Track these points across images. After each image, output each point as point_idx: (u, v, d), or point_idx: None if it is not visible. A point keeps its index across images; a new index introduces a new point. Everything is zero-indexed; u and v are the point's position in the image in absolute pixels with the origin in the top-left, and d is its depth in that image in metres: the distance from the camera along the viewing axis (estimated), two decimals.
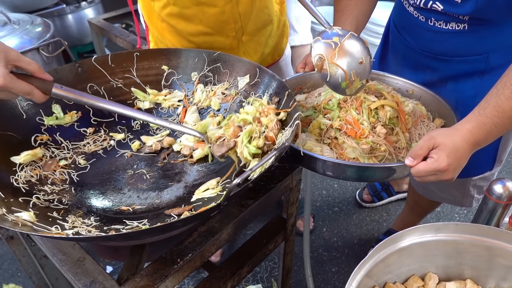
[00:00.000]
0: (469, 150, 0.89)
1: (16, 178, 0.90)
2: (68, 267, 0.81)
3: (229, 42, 1.32)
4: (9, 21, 1.46)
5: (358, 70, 1.00)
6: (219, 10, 1.23)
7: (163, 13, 1.27)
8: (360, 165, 0.97)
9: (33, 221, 0.79)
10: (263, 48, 1.42)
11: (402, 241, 0.71)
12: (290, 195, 1.07)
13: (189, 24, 1.27)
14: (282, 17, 1.50)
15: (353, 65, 1.00)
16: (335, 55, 0.99)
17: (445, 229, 0.73)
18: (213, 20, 1.26)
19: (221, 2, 1.22)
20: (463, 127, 0.90)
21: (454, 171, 0.87)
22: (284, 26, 1.54)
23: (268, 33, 1.43)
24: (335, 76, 0.99)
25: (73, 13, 2.20)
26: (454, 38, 1.16)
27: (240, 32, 1.32)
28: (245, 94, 1.10)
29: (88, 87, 1.12)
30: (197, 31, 1.28)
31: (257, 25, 1.37)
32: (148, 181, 1.01)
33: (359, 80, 1.01)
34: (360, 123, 1.02)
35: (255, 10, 1.34)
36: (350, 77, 0.99)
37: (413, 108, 1.15)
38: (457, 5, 1.08)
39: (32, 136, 1.00)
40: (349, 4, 1.27)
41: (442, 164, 0.85)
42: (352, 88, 1.02)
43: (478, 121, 0.89)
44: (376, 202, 2.21)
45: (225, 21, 1.27)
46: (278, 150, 0.68)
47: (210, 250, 0.87)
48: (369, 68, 1.02)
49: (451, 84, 1.26)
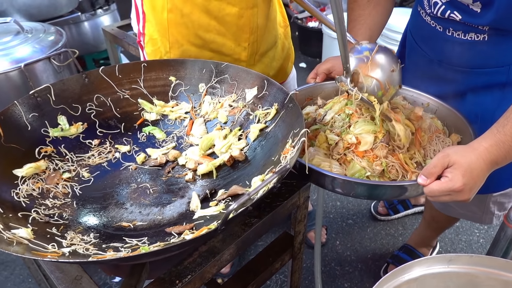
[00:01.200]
0: (486, 170, 0.84)
1: (17, 192, 0.89)
2: (65, 285, 0.79)
3: (238, 51, 1.27)
4: (22, 30, 1.47)
5: (391, 78, 1.04)
6: (238, 12, 1.19)
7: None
8: (370, 183, 0.93)
9: (30, 238, 0.77)
10: (268, 70, 1.39)
11: (411, 272, 0.66)
12: (298, 213, 1.03)
13: (203, 16, 1.19)
14: (286, 41, 1.47)
15: (385, 74, 1.03)
16: (368, 68, 1.02)
17: (458, 261, 0.67)
18: (229, 21, 1.20)
19: (242, 3, 1.18)
20: (480, 145, 0.84)
21: (470, 192, 0.82)
22: (289, 50, 1.51)
23: (272, 55, 1.40)
24: (371, 87, 1.03)
25: (89, 21, 2.22)
26: (473, 49, 1.11)
27: (254, 46, 1.28)
28: (252, 107, 1.07)
29: (95, 98, 1.11)
30: (210, 27, 1.21)
31: (267, 46, 1.34)
32: (151, 196, 0.99)
33: (393, 87, 1.05)
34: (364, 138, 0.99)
35: (266, 31, 1.31)
36: (385, 86, 1.03)
37: (429, 123, 1.10)
38: (477, 15, 1.03)
39: (36, 148, 0.99)
40: (363, 14, 1.23)
41: (457, 184, 0.80)
42: (388, 95, 1.05)
43: (497, 139, 0.83)
44: (391, 215, 2.14)
45: (241, 27, 1.22)
46: (278, 172, 0.65)
47: (211, 271, 0.84)
48: (400, 76, 1.06)
49: (470, 97, 1.20)
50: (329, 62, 1.22)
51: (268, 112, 1.02)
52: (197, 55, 1.28)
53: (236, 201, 0.59)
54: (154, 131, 1.13)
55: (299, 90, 1.20)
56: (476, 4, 1.01)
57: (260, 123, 1.03)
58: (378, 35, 1.29)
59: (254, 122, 1.05)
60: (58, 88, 1.06)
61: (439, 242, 1.97)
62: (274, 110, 1.01)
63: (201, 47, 1.27)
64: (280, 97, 1.00)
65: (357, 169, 0.96)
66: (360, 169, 0.96)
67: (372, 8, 1.23)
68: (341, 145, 1.00)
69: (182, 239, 0.80)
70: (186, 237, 0.79)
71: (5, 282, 1.92)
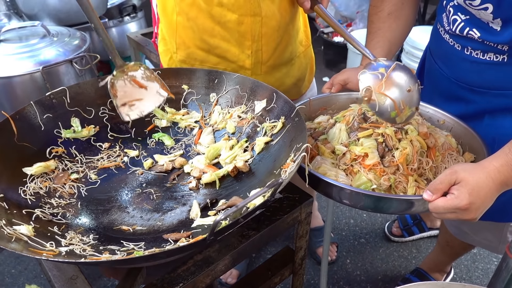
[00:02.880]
0: (495, 190, 0.81)
1: (25, 190, 0.92)
2: (60, 284, 0.81)
3: (242, 59, 1.28)
4: (48, 34, 1.53)
5: (407, 99, 1.00)
6: (237, 19, 1.21)
7: (184, 3, 1.22)
8: (376, 195, 0.92)
9: (30, 235, 0.79)
10: (278, 85, 1.39)
11: None
12: (299, 228, 1.02)
13: (207, 20, 1.22)
14: (305, 60, 1.47)
15: (401, 94, 1.00)
16: (383, 85, 0.99)
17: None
18: (231, 27, 1.22)
19: (241, 10, 1.19)
20: (490, 164, 0.82)
21: (476, 211, 0.80)
22: (306, 70, 1.50)
23: (285, 71, 1.40)
24: (384, 106, 0.99)
25: (116, 27, 2.29)
26: (492, 70, 1.08)
27: (258, 55, 1.28)
28: (260, 119, 1.07)
29: (108, 102, 1.13)
30: (214, 31, 1.24)
31: (280, 60, 1.34)
32: (154, 202, 1.00)
33: (409, 108, 1.00)
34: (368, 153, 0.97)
35: (282, 45, 1.32)
36: (399, 106, 0.99)
37: (444, 140, 1.07)
38: (496, 33, 1.00)
39: (47, 148, 1.02)
40: (382, 27, 1.22)
41: (463, 202, 0.78)
42: (402, 116, 1.01)
43: (508, 159, 0.81)
44: (406, 236, 2.08)
45: (243, 34, 1.24)
46: (270, 186, 0.64)
47: (204, 281, 0.83)
48: (418, 96, 1.02)
49: (487, 119, 1.17)
50: (345, 74, 1.21)
51: (274, 125, 1.02)
52: (203, 59, 1.31)
53: (224, 212, 0.59)
54: (164, 138, 1.15)
55: (313, 100, 1.20)
56: (496, 22, 0.98)
57: (266, 135, 1.03)
58: (397, 49, 1.28)
59: (260, 135, 1.05)
60: (74, 91, 1.09)
61: (454, 268, 1.90)
62: (280, 123, 1.01)
63: (207, 52, 1.29)
64: (287, 111, 1.00)
65: (363, 181, 0.94)
66: (366, 181, 0.94)
67: (392, 22, 1.22)
68: (348, 156, 0.99)
69: (177, 246, 0.80)
70: (181, 244, 0.79)
71: (18, 277, 1.97)
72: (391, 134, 1.00)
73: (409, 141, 1.00)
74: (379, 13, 1.23)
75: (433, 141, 1.04)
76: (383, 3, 1.22)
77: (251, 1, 1.19)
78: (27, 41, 1.53)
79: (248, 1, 1.18)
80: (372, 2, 1.26)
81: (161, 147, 1.15)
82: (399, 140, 1.01)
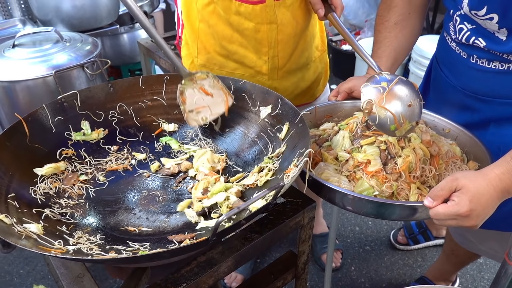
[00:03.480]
0: (496, 197, 0.82)
1: (35, 190, 0.95)
2: (67, 282, 0.83)
3: (260, 64, 1.32)
4: (61, 39, 1.57)
5: (407, 113, 1.02)
6: (254, 27, 1.25)
7: (205, 11, 1.27)
8: (377, 200, 0.93)
9: (39, 234, 0.82)
10: (293, 88, 1.42)
11: None
12: (302, 233, 1.03)
13: (226, 28, 1.28)
14: (320, 64, 1.50)
15: (402, 108, 1.02)
16: (384, 99, 1.02)
17: None
18: (248, 34, 1.27)
19: (257, 19, 1.23)
20: (491, 171, 0.83)
21: (477, 218, 0.81)
22: (321, 74, 1.53)
23: (301, 75, 1.43)
24: (384, 119, 1.01)
25: (127, 33, 2.34)
26: (498, 78, 1.09)
27: (275, 61, 1.32)
28: (265, 125, 1.09)
29: (117, 106, 1.16)
30: (233, 38, 1.29)
31: (296, 65, 1.38)
32: (160, 204, 1.02)
33: (409, 122, 1.02)
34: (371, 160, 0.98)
35: (298, 51, 1.35)
36: (399, 120, 1.01)
37: (447, 149, 1.08)
38: (501, 43, 1.02)
39: (58, 149, 1.05)
40: (389, 36, 1.24)
41: (463, 209, 0.79)
42: (402, 130, 1.02)
43: (509, 167, 0.82)
44: (411, 245, 2.07)
45: (260, 41, 1.28)
46: (271, 188, 0.66)
47: (207, 282, 0.85)
48: (418, 111, 1.03)
49: (493, 127, 1.17)
50: (351, 82, 1.23)
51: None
52: (222, 64, 1.36)
53: (226, 214, 0.61)
54: (171, 142, 1.17)
55: (319, 107, 1.22)
56: (502, 31, 0.99)
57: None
58: (403, 58, 1.29)
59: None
60: (84, 95, 1.12)
61: (460, 278, 1.89)
62: (286, 127, 1.03)
63: (226, 57, 1.34)
64: (291, 116, 1.02)
65: (366, 187, 0.95)
66: (368, 187, 0.95)
67: (398, 31, 1.24)
68: (351, 163, 1.00)
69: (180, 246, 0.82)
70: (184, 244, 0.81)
71: (26, 277, 2.00)
72: (394, 142, 1.01)
73: (412, 149, 1.01)
74: (385, 23, 1.25)
75: (436, 149, 1.04)
76: (389, 13, 1.24)
77: (267, 10, 1.22)
78: (41, 46, 1.57)
79: (264, 10, 1.22)
80: (379, 12, 1.28)
81: (168, 150, 1.17)
82: (402, 148, 1.02)
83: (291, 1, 1.25)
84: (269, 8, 1.23)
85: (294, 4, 1.27)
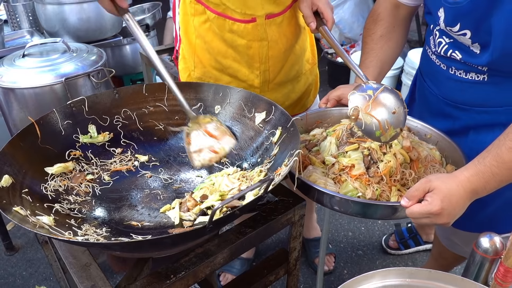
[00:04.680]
0: (465, 197, 0.89)
1: (46, 186, 1.02)
2: (75, 270, 0.90)
3: (252, 78, 1.41)
4: (68, 49, 1.66)
5: (392, 120, 1.08)
6: (246, 44, 1.34)
7: (201, 28, 1.37)
8: (357, 200, 1.01)
9: (50, 225, 0.89)
10: (284, 99, 1.50)
11: (373, 281, 0.73)
12: (293, 229, 1.11)
13: (221, 44, 1.37)
14: (310, 77, 1.58)
15: (386, 115, 1.09)
16: (369, 106, 1.09)
17: (418, 275, 0.73)
18: (241, 50, 1.36)
19: (249, 36, 1.33)
20: (461, 174, 0.91)
21: (448, 216, 0.88)
22: (311, 86, 1.61)
23: (291, 87, 1.51)
24: (370, 125, 1.08)
25: (130, 45, 2.44)
26: (474, 88, 1.17)
27: (266, 74, 1.40)
28: (259, 129, 1.17)
29: (122, 111, 1.24)
30: (227, 53, 1.38)
31: (286, 78, 1.46)
32: (161, 201, 1.10)
33: (393, 128, 1.09)
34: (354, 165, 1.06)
35: (288, 64, 1.43)
36: (384, 126, 1.08)
37: (427, 153, 1.16)
38: (476, 56, 1.10)
39: (66, 151, 1.13)
40: (375, 48, 1.33)
41: (435, 207, 0.87)
42: (387, 136, 1.09)
43: (477, 170, 0.90)
44: (402, 249, 2.15)
45: (252, 57, 1.37)
46: (262, 181, 0.74)
47: (204, 271, 0.92)
48: (403, 118, 1.10)
49: (472, 134, 1.26)
50: (340, 90, 1.32)
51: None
52: (217, 78, 1.44)
53: (222, 202, 0.69)
54: None
55: (310, 113, 1.31)
56: (475, 45, 1.08)
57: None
58: (389, 67, 1.38)
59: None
60: (92, 101, 1.20)
61: None
62: (279, 132, 1.11)
63: (221, 71, 1.43)
64: (283, 121, 1.10)
65: (350, 189, 1.03)
66: (352, 189, 1.03)
67: (384, 43, 1.33)
68: (337, 167, 1.08)
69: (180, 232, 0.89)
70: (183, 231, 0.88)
71: (29, 279, 2.06)
72: (376, 148, 1.09)
73: (393, 154, 1.09)
74: (372, 35, 1.34)
75: (416, 154, 1.12)
76: (375, 26, 1.33)
77: (258, 28, 1.32)
78: (49, 56, 1.66)
79: (255, 28, 1.32)
80: (366, 25, 1.37)
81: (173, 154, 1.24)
82: (383, 153, 1.10)
83: (281, 19, 1.35)
84: (260, 26, 1.32)
85: (284, 22, 1.36)
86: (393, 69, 3.11)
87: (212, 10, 1.33)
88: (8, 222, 2.36)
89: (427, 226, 2.14)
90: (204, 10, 1.35)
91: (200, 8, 1.35)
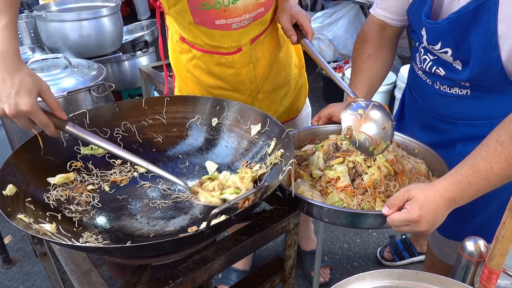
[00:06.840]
0: (443, 205, 0.93)
1: (48, 196, 1.06)
2: (76, 276, 0.93)
3: (243, 99, 1.47)
4: (70, 65, 1.71)
5: (382, 135, 1.16)
6: (236, 72, 1.41)
7: (189, 64, 1.44)
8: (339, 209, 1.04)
9: (53, 232, 0.92)
10: (277, 106, 1.56)
11: (364, 282, 0.76)
12: (287, 238, 1.14)
13: (210, 78, 1.44)
14: (300, 80, 1.63)
15: (377, 131, 1.16)
16: (361, 125, 1.16)
17: (406, 277, 0.77)
18: (231, 80, 1.42)
19: (238, 65, 1.39)
20: (439, 183, 0.95)
21: (427, 224, 0.92)
22: (302, 88, 1.66)
23: (283, 93, 1.56)
24: (363, 142, 1.15)
25: (129, 61, 2.50)
26: (459, 102, 1.22)
27: (255, 90, 1.47)
28: (255, 140, 1.21)
29: (122, 124, 1.28)
30: (216, 85, 1.45)
31: (274, 85, 1.52)
32: (160, 211, 1.13)
33: (384, 142, 1.16)
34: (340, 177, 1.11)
35: (273, 72, 1.49)
36: (376, 141, 1.14)
37: (411, 166, 1.20)
38: (458, 72, 1.15)
39: (68, 162, 1.17)
40: (364, 67, 1.38)
41: (414, 215, 0.91)
42: (379, 149, 1.16)
43: (454, 179, 0.94)
44: (397, 261, 2.17)
45: (241, 81, 1.43)
46: (257, 188, 0.78)
47: (201, 277, 0.95)
48: (391, 131, 1.18)
49: (459, 147, 1.30)
50: (331, 108, 1.37)
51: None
52: None
53: (218, 207, 0.73)
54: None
55: (302, 131, 1.35)
56: (457, 62, 1.14)
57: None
58: (378, 85, 1.43)
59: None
60: (93, 114, 1.25)
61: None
62: (273, 143, 1.15)
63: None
64: (278, 133, 1.14)
65: (335, 200, 1.08)
66: (337, 200, 1.08)
67: (372, 63, 1.38)
68: (324, 179, 1.12)
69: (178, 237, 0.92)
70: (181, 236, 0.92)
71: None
72: (361, 161, 1.14)
73: (377, 167, 1.14)
74: (360, 55, 1.39)
75: (400, 167, 1.17)
76: (364, 46, 1.39)
77: (244, 55, 1.38)
78: (50, 71, 1.71)
79: (242, 56, 1.38)
80: (355, 46, 1.43)
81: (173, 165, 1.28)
82: (368, 166, 1.14)
83: (263, 37, 1.40)
84: (246, 53, 1.38)
85: (266, 38, 1.41)
86: (386, 84, 3.18)
87: (197, 49, 1.39)
88: (6, 235, 2.37)
89: (421, 238, 2.18)
90: (189, 49, 1.41)
91: (186, 46, 1.42)
